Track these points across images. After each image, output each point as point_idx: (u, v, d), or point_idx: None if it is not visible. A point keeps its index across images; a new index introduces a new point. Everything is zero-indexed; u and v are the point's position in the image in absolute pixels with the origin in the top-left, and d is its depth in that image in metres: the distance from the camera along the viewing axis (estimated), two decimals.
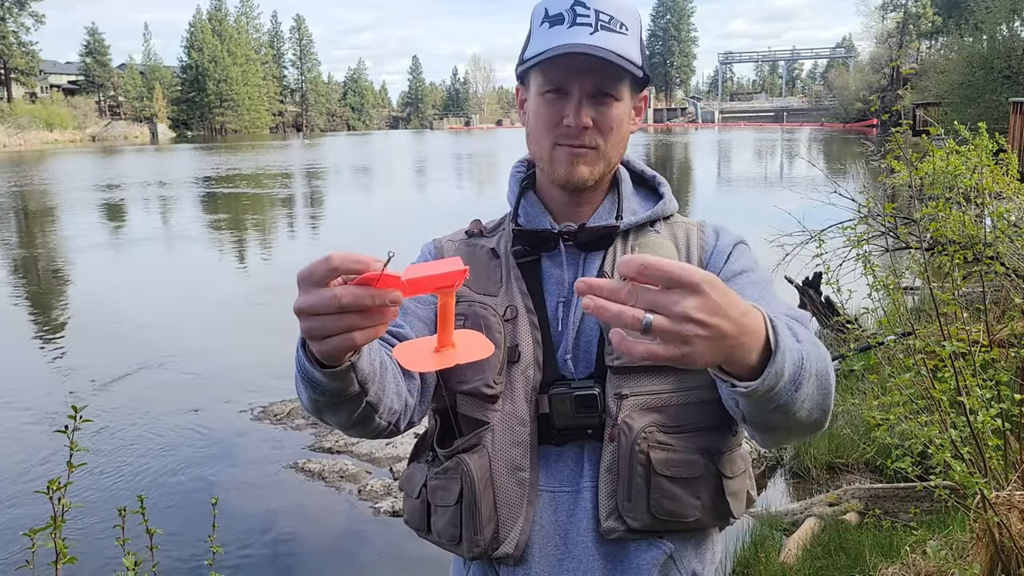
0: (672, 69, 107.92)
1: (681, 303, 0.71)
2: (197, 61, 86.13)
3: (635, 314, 0.71)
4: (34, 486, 4.83)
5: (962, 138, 4.00)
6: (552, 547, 1.15)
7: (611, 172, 1.24)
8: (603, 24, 1.11)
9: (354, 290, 0.76)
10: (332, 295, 0.76)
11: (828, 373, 0.95)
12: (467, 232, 1.31)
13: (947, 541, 3.08)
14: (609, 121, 1.15)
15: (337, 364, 0.90)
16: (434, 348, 0.85)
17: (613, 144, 1.17)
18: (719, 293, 0.73)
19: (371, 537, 4.44)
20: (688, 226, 1.27)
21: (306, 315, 0.79)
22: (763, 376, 0.82)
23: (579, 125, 1.13)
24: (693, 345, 0.73)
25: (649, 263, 0.72)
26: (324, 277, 0.77)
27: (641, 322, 0.71)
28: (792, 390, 0.87)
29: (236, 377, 7.06)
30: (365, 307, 0.77)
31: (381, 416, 1.05)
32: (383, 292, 0.76)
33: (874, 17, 65.54)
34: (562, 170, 1.17)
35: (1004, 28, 26.36)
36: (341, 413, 1.00)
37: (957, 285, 2.91)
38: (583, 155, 1.16)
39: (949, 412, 2.67)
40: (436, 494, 1.19)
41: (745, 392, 0.83)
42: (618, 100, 1.15)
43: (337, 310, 0.77)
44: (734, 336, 0.76)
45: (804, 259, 5.61)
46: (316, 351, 0.85)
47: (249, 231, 16.70)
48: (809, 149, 34.81)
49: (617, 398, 1.13)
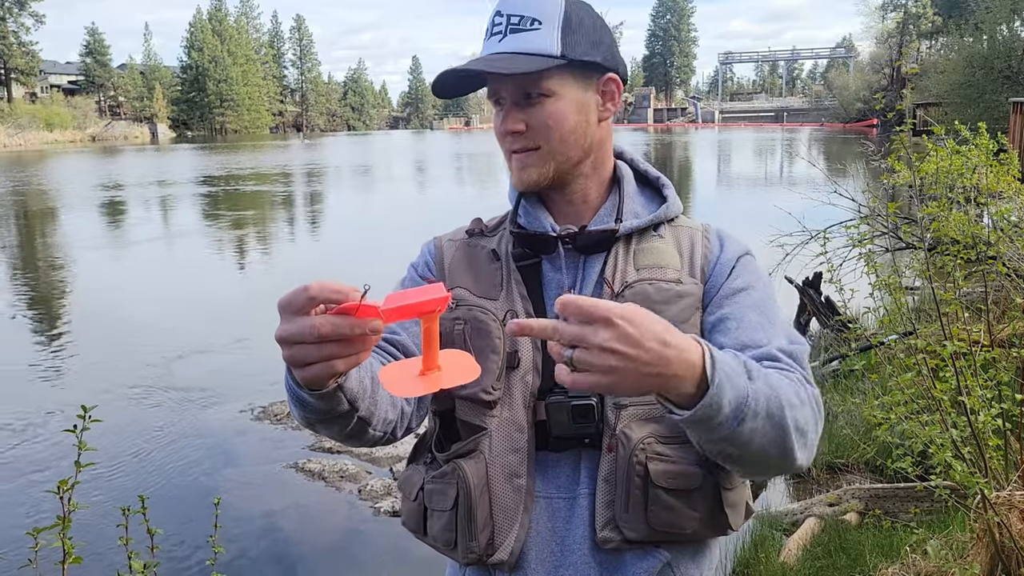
0: (672, 69, 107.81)
1: (595, 336, 0.78)
2: (197, 61, 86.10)
3: (559, 350, 0.80)
4: (35, 486, 4.85)
5: (962, 138, 4.00)
6: (548, 554, 1.14)
7: (575, 169, 1.19)
8: (512, 27, 1.11)
9: (333, 319, 0.78)
10: (311, 324, 0.78)
11: (783, 413, 0.95)
12: (468, 231, 1.29)
13: (947, 541, 3.08)
14: (544, 119, 1.13)
15: (322, 388, 0.90)
16: (419, 371, 0.85)
17: (560, 139, 1.14)
18: (634, 325, 0.79)
19: (371, 537, 4.44)
20: (693, 231, 1.24)
21: (287, 343, 0.81)
22: (697, 406, 0.86)
23: (505, 131, 1.15)
24: (613, 375, 0.79)
25: (566, 303, 0.79)
26: (303, 306, 0.79)
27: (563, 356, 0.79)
28: (734, 424, 0.90)
29: (236, 377, 7.06)
30: (344, 336, 0.78)
31: (375, 428, 1.05)
32: (363, 321, 0.78)
33: (874, 17, 65.59)
34: (515, 177, 1.19)
35: (1004, 28, 26.38)
36: (333, 428, 1.01)
37: (958, 285, 2.91)
38: (526, 159, 1.16)
39: (950, 412, 2.67)
40: (433, 498, 1.18)
41: (680, 419, 0.89)
42: (550, 96, 1.12)
43: (317, 339, 0.78)
44: (654, 364, 0.81)
45: (804, 259, 5.62)
46: (299, 378, 0.87)
47: (250, 231, 16.70)
48: (809, 149, 34.78)
49: (616, 408, 1.11)
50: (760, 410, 0.92)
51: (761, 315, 1.13)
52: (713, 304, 1.16)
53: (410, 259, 1.32)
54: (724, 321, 1.13)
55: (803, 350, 1.10)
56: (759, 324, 1.11)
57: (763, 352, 1.06)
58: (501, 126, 1.16)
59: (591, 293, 1.17)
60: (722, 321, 1.13)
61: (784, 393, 0.97)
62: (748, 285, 1.17)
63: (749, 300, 1.14)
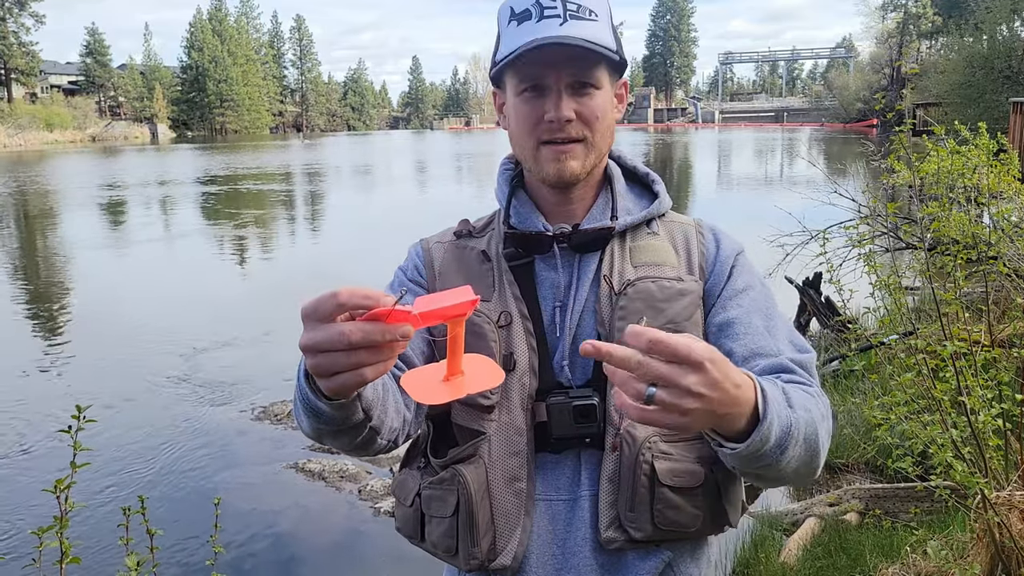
0: (672, 69, 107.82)
1: (684, 379, 0.75)
2: (197, 61, 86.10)
3: (638, 388, 0.76)
4: (33, 487, 4.85)
5: (962, 138, 4.00)
6: (549, 557, 1.13)
7: (602, 164, 1.21)
8: (571, 13, 1.08)
9: (364, 326, 0.74)
10: (340, 331, 0.74)
11: (817, 436, 0.98)
12: (455, 232, 1.27)
13: (947, 541, 3.08)
14: (594, 110, 1.12)
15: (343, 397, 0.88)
16: (443, 377, 0.82)
17: (601, 134, 1.14)
18: (719, 369, 0.78)
19: (371, 537, 4.44)
20: (686, 227, 1.24)
21: (313, 352, 0.76)
22: (748, 442, 0.87)
23: (562, 118, 1.09)
24: (689, 416, 0.77)
25: (657, 340, 0.74)
26: (331, 313, 0.75)
27: (643, 395, 0.76)
28: (778, 453, 0.91)
29: (236, 377, 7.05)
30: (375, 343, 0.74)
31: (383, 437, 1.03)
32: (394, 327, 0.74)
33: (874, 17, 65.59)
34: (551, 168, 1.13)
35: (1004, 28, 26.38)
36: (343, 439, 0.99)
37: (958, 285, 2.91)
38: (570, 150, 1.12)
39: (950, 412, 2.67)
40: (431, 504, 1.16)
41: (731, 454, 0.88)
42: (599, 89, 1.12)
43: (346, 347, 0.74)
44: (727, 406, 0.81)
45: (804, 259, 5.62)
46: (324, 388, 0.83)
47: (250, 231, 16.69)
48: (809, 149, 34.80)
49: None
50: (799, 437, 0.94)
51: (765, 318, 1.13)
52: (717, 306, 1.16)
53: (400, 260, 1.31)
54: (731, 326, 1.13)
55: (811, 358, 1.11)
56: (765, 329, 1.12)
57: (776, 363, 1.07)
58: (554, 112, 1.09)
59: (588, 291, 1.16)
60: (729, 325, 1.13)
61: (815, 415, 0.99)
62: (748, 285, 1.18)
63: (752, 302, 1.15)
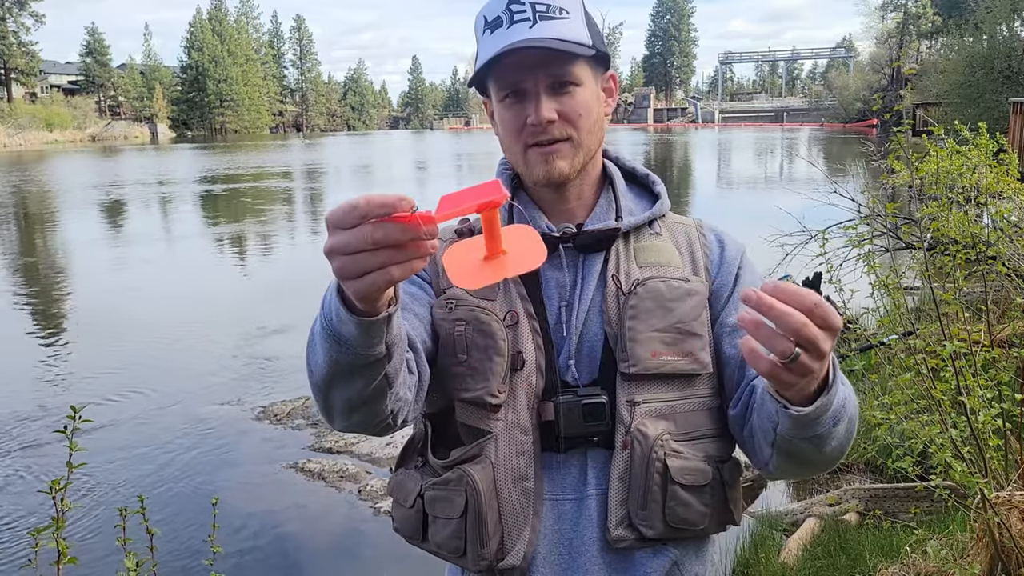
0: (672, 69, 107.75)
1: (826, 343, 0.79)
2: (197, 61, 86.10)
3: (786, 347, 0.78)
4: (34, 487, 4.85)
5: (962, 138, 4.00)
6: (556, 556, 1.13)
7: (595, 161, 1.21)
8: (541, 14, 1.09)
9: (385, 225, 0.74)
10: (363, 230, 0.75)
11: (855, 420, 1.01)
12: (457, 231, 1.26)
13: (947, 541, 3.08)
14: (575, 108, 1.12)
15: (373, 312, 0.85)
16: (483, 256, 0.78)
17: (587, 131, 1.14)
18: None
19: (371, 537, 4.44)
20: (687, 227, 1.25)
21: (338, 254, 0.77)
22: (816, 404, 0.89)
23: (543, 120, 1.10)
24: (808, 378, 0.82)
25: (819, 304, 0.77)
26: (353, 224, 0.76)
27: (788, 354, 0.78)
28: (831, 424, 0.93)
29: (236, 377, 7.05)
30: (397, 241, 0.75)
31: (391, 396, 0.98)
32: (415, 225, 0.74)
33: (874, 17, 65.64)
34: (540, 170, 1.14)
35: (1004, 28, 26.38)
36: (356, 383, 0.93)
37: (958, 285, 2.91)
38: (556, 150, 1.13)
39: (950, 412, 2.67)
40: (436, 505, 1.15)
41: (795, 415, 0.90)
42: (579, 86, 1.12)
43: (371, 246, 0.75)
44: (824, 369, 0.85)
45: (804, 259, 5.62)
46: (352, 291, 0.81)
47: (250, 231, 16.69)
48: (809, 149, 34.78)
49: (630, 405, 1.11)
50: (849, 413, 0.97)
51: None
52: (729, 306, 1.17)
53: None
54: None
55: None
56: None
57: None
58: (535, 115, 1.10)
59: (593, 291, 1.16)
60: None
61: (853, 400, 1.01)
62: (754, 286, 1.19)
63: None
